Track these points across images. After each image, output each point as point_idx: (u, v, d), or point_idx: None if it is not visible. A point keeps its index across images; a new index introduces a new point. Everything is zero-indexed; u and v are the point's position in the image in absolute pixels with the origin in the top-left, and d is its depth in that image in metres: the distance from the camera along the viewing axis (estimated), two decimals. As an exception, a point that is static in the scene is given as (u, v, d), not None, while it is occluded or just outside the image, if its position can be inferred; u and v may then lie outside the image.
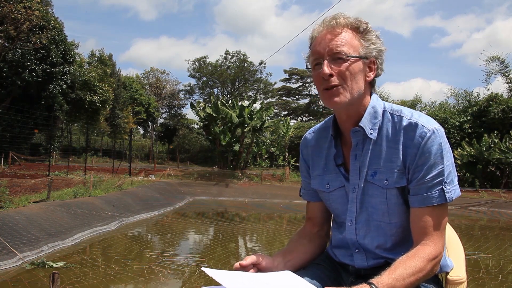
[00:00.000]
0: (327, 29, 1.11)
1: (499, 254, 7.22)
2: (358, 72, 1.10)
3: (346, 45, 1.08)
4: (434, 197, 1.06)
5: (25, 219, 6.63)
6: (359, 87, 1.11)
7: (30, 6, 19.38)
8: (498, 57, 29.11)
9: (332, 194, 1.22)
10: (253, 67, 45.47)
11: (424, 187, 1.06)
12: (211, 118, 22.39)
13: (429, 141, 1.06)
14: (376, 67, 1.13)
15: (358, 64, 1.10)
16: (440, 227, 1.08)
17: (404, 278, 0.99)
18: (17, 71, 21.65)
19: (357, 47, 1.10)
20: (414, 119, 1.10)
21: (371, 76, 1.13)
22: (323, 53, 1.10)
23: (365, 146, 1.15)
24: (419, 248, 1.06)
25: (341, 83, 1.09)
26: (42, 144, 27.35)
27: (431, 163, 1.06)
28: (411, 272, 1.00)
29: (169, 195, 14.31)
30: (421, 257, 1.03)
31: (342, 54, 1.08)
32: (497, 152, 20.34)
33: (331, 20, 1.11)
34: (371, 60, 1.12)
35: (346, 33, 1.10)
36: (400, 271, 1.00)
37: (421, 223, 1.07)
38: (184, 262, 5.93)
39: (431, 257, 1.05)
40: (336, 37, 1.09)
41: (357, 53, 1.09)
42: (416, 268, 1.01)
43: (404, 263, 1.02)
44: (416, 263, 1.02)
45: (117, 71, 35.12)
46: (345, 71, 1.08)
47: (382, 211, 1.13)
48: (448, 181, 1.07)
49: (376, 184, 1.12)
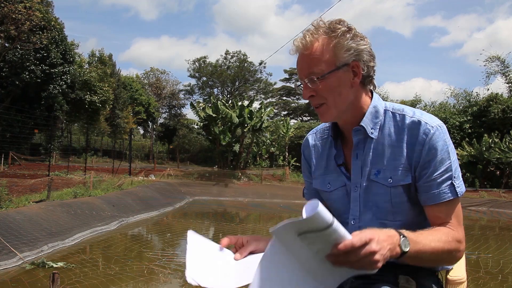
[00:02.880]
0: (299, 50, 1.10)
1: (499, 254, 7.22)
2: (339, 85, 1.09)
3: (319, 64, 1.07)
4: (445, 193, 1.06)
5: (25, 219, 6.63)
6: (345, 98, 1.10)
7: (31, 6, 19.39)
8: (498, 57, 29.14)
9: (333, 193, 1.22)
10: (253, 67, 45.49)
11: (435, 184, 1.06)
12: (211, 118, 22.39)
13: (433, 137, 1.06)
14: (360, 68, 1.10)
15: (336, 78, 1.08)
16: (458, 219, 1.08)
17: (429, 241, 1.00)
18: (17, 71, 21.66)
19: (331, 60, 1.07)
20: (417, 117, 1.10)
21: (357, 80, 1.11)
22: (300, 75, 1.11)
23: (366, 145, 1.15)
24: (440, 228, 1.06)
25: (324, 101, 1.10)
26: (42, 144, 27.33)
27: (438, 159, 1.06)
28: (436, 239, 1.01)
29: (169, 195, 14.31)
30: (445, 232, 1.04)
31: (315, 75, 1.07)
32: (497, 152, 20.35)
33: (301, 40, 1.10)
34: (352, 65, 1.09)
35: (317, 50, 1.08)
36: (425, 233, 1.01)
37: (437, 217, 1.08)
38: (184, 262, 5.92)
39: (456, 236, 1.05)
40: (307, 57, 1.08)
41: (333, 66, 1.07)
42: (441, 238, 1.02)
43: (428, 230, 1.04)
44: (441, 234, 1.03)
45: (117, 71, 35.10)
46: (323, 90, 1.08)
47: (386, 209, 1.12)
48: (456, 175, 1.07)
49: (380, 183, 1.12)
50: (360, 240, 0.86)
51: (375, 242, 0.88)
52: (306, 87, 1.10)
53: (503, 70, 29.30)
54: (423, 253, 0.99)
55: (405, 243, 0.95)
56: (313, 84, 1.09)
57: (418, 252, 0.98)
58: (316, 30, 1.09)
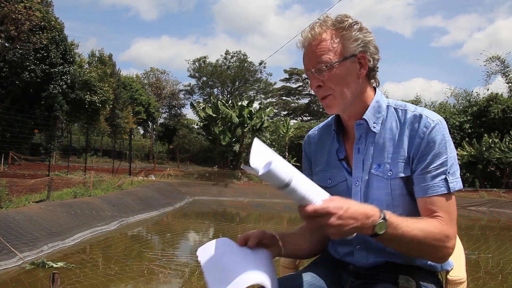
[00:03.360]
0: (308, 41, 1.12)
1: (499, 254, 7.22)
2: (346, 75, 1.11)
3: (327, 53, 1.09)
4: (439, 186, 1.06)
5: (25, 219, 6.63)
6: (352, 88, 1.12)
7: (31, 7, 19.40)
8: (498, 57, 29.15)
9: (334, 189, 1.22)
10: (253, 67, 45.52)
11: (429, 176, 1.07)
12: (211, 118, 22.39)
13: (433, 131, 1.08)
14: (367, 60, 1.13)
15: (344, 68, 1.10)
16: (451, 215, 1.07)
17: (411, 229, 0.99)
18: (17, 71, 21.67)
19: (339, 50, 1.10)
20: (419, 112, 1.12)
21: (363, 72, 1.13)
22: (309, 66, 1.12)
23: (368, 140, 1.16)
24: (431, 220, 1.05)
25: (331, 91, 1.11)
26: (42, 144, 27.34)
27: (435, 152, 1.07)
28: (419, 228, 1.01)
29: (169, 195, 14.31)
30: (434, 224, 1.04)
31: (323, 63, 1.09)
32: (497, 152, 20.35)
33: (308, 33, 1.12)
34: (359, 56, 1.12)
35: (325, 41, 1.10)
36: (411, 220, 1.01)
37: (429, 211, 1.07)
38: (184, 262, 5.92)
39: (444, 230, 1.04)
40: (315, 48, 1.10)
41: (340, 56, 1.10)
42: (425, 228, 1.02)
43: (415, 218, 1.04)
44: (427, 225, 1.03)
45: (117, 71, 35.12)
46: (331, 80, 1.10)
47: (386, 202, 1.12)
48: (452, 171, 1.07)
49: (380, 176, 1.12)
50: (322, 210, 0.89)
51: (337, 217, 0.90)
52: (313, 77, 1.11)
53: (503, 70, 29.32)
54: (400, 239, 0.99)
55: (381, 226, 0.95)
56: (321, 74, 1.10)
57: (396, 236, 0.98)
58: (324, 22, 1.12)
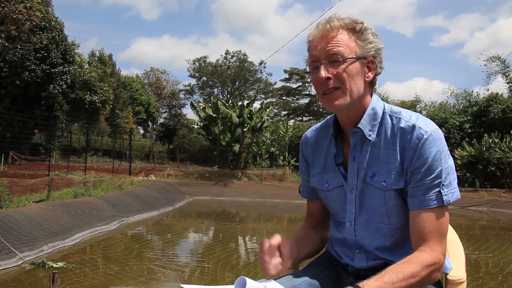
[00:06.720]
0: (322, 32, 1.10)
1: (499, 254, 7.22)
2: (356, 74, 1.09)
3: (343, 47, 1.08)
4: (431, 199, 1.05)
5: (25, 219, 6.63)
6: (359, 88, 1.11)
7: (31, 7, 19.39)
8: (498, 57, 29.16)
9: (330, 192, 1.22)
10: (253, 67, 45.51)
11: (422, 189, 1.05)
12: (211, 118, 22.39)
13: (426, 143, 1.05)
14: (375, 66, 1.13)
15: (355, 65, 1.09)
16: (440, 232, 1.05)
17: (393, 282, 0.97)
18: (17, 71, 21.67)
19: (353, 48, 1.09)
20: (412, 122, 1.09)
21: (370, 76, 1.13)
22: (320, 56, 1.09)
23: (363, 148, 1.15)
24: (414, 254, 1.04)
25: (340, 85, 1.08)
26: (42, 144, 27.33)
27: (428, 165, 1.05)
28: (402, 277, 0.98)
29: (169, 195, 14.31)
30: (415, 262, 1.01)
31: (338, 56, 1.07)
32: (497, 152, 20.34)
33: (325, 24, 1.10)
34: (369, 60, 1.11)
35: (342, 34, 1.09)
36: (390, 275, 0.98)
37: (419, 228, 1.06)
38: (184, 262, 5.93)
39: (427, 263, 1.01)
40: (331, 39, 1.09)
41: (354, 54, 1.09)
42: (407, 273, 0.99)
43: (395, 268, 1.00)
44: (409, 269, 1.00)
45: (117, 71, 35.12)
46: (342, 73, 1.08)
47: (381, 212, 1.12)
48: (446, 183, 1.06)
49: (374, 186, 1.12)
50: None
51: None
52: (324, 68, 1.08)
53: (504, 70, 29.35)
54: None
55: None
56: (334, 65, 1.08)
57: None
58: (342, 19, 1.11)
